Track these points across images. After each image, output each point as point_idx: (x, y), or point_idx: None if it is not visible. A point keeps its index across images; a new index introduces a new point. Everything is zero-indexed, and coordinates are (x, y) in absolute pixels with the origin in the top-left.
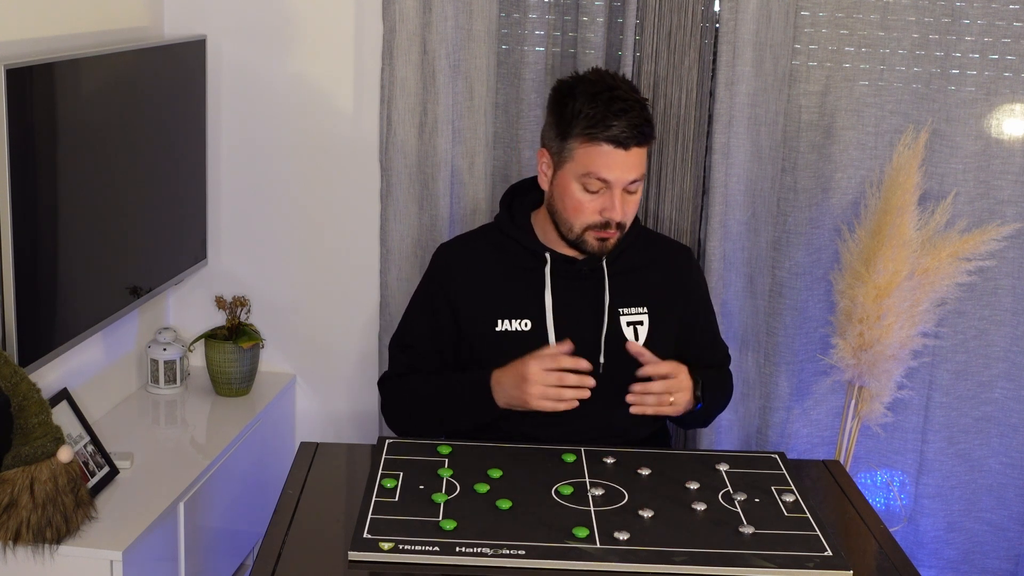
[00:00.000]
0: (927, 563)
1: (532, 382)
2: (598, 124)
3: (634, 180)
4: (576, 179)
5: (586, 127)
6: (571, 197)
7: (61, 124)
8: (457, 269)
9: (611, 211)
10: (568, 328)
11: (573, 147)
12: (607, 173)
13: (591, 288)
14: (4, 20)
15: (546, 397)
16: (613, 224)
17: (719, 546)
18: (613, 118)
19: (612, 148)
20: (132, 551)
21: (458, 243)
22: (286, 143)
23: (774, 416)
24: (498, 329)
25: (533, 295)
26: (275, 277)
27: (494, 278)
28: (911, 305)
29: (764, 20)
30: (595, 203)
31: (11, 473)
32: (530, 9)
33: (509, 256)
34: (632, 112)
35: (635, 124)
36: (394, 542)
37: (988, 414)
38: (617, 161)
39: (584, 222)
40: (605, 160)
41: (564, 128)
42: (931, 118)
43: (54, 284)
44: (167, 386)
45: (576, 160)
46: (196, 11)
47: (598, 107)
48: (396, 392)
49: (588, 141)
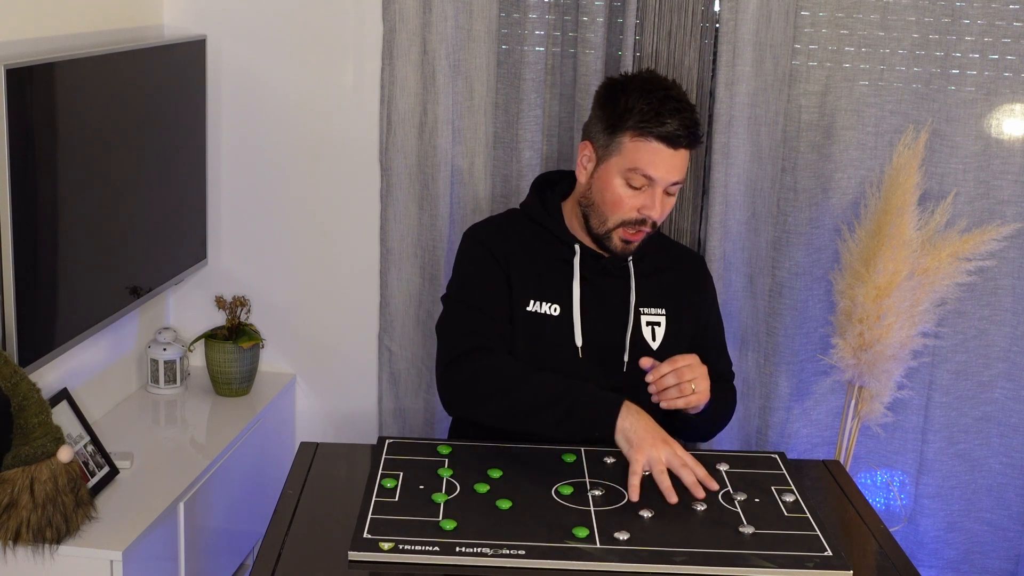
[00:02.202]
0: (927, 563)
1: (672, 445)
2: (651, 120)
3: (676, 182)
4: (620, 174)
5: (639, 121)
6: (612, 191)
7: (61, 124)
8: (496, 244)
9: (650, 209)
10: (593, 320)
11: (622, 141)
12: (653, 171)
13: (616, 285)
14: (4, 20)
15: (663, 461)
16: (649, 223)
17: (719, 546)
18: (667, 116)
19: (662, 146)
20: (132, 551)
21: (489, 223)
22: (286, 143)
23: (774, 416)
24: (528, 309)
25: (562, 282)
26: (275, 277)
27: (526, 259)
28: (911, 305)
29: (764, 20)
30: (635, 200)
31: (11, 473)
32: (530, 9)
33: (539, 242)
34: (684, 113)
35: (687, 125)
36: (394, 542)
37: (988, 414)
38: (664, 160)
39: (620, 217)
40: (653, 157)
41: (614, 122)
42: (931, 118)
43: (54, 284)
44: (167, 386)
45: (624, 155)
46: (196, 11)
47: (652, 104)
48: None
49: (639, 136)
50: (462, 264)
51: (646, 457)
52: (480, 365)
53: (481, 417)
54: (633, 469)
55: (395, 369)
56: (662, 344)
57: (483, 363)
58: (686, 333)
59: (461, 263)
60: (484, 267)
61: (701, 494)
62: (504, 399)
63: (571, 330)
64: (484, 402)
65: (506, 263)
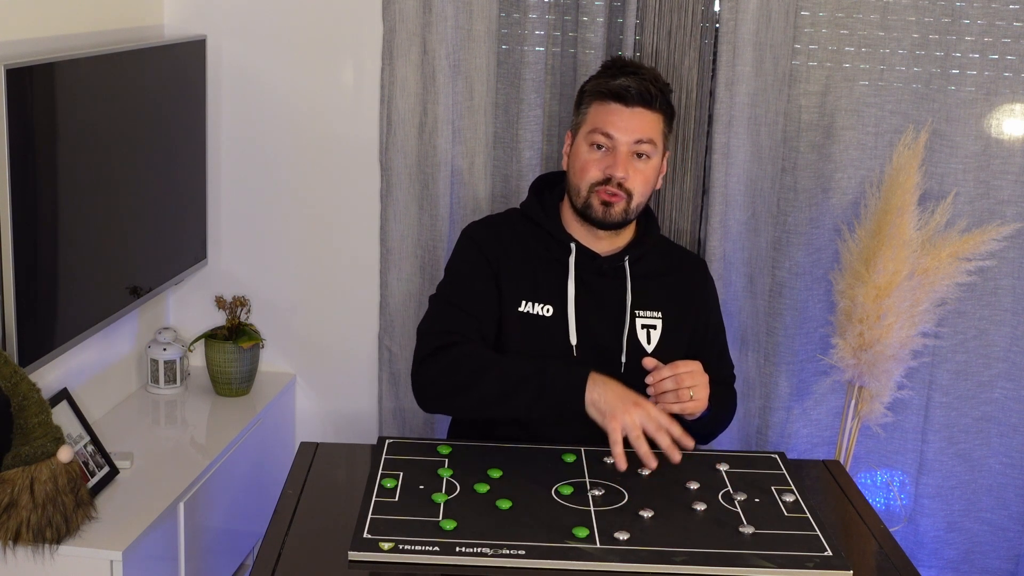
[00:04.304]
0: (927, 563)
1: (644, 407)
2: (606, 80)
3: (639, 141)
4: (585, 140)
5: (596, 86)
6: (579, 158)
7: (61, 124)
8: (489, 244)
9: (613, 168)
10: (588, 321)
11: (585, 111)
12: (611, 128)
13: (612, 286)
14: (4, 20)
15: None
16: (614, 182)
17: (719, 546)
18: (621, 76)
19: (617, 105)
20: (132, 551)
21: (487, 222)
22: (286, 143)
23: (774, 416)
24: (520, 310)
25: (556, 283)
26: (275, 277)
27: (520, 259)
28: (911, 305)
29: (764, 20)
30: (601, 161)
31: (11, 473)
32: (530, 9)
33: (534, 242)
34: (640, 75)
35: (642, 84)
36: (394, 542)
37: (988, 414)
38: (622, 118)
39: (589, 180)
40: (609, 116)
41: (580, 97)
42: (931, 118)
43: (54, 284)
44: (167, 386)
45: (588, 121)
46: (196, 11)
47: (610, 70)
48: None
49: (597, 100)
50: (452, 262)
51: (620, 424)
52: (447, 359)
53: (455, 411)
54: (612, 438)
55: (395, 369)
56: (657, 347)
57: (450, 357)
58: (683, 337)
59: (452, 261)
60: (472, 266)
61: (677, 457)
62: (473, 391)
63: (564, 330)
64: (454, 395)
65: (496, 263)
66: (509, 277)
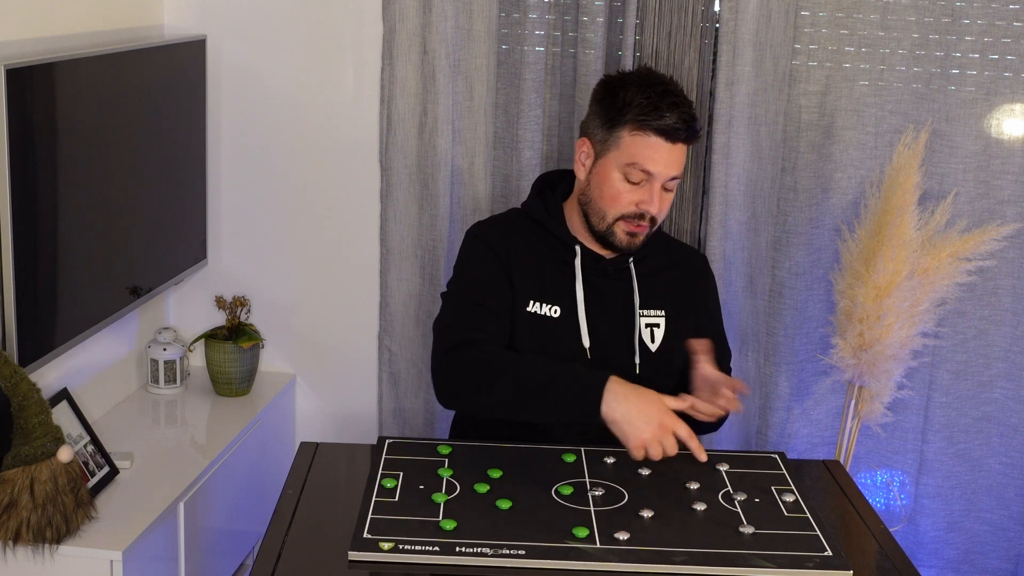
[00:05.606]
0: (927, 563)
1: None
2: (650, 113)
3: (674, 177)
4: (619, 168)
5: (638, 115)
6: (610, 186)
7: (61, 124)
8: (499, 243)
9: (648, 204)
10: (596, 322)
11: (621, 136)
12: (652, 165)
13: (616, 287)
14: (4, 20)
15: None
16: (647, 217)
17: (719, 546)
18: (665, 109)
19: (660, 140)
20: (132, 551)
21: (491, 223)
22: (286, 143)
23: (774, 416)
24: (528, 310)
25: (562, 283)
26: (275, 277)
27: (527, 259)
28: (911, 305)
29: (764, 20)
30: (633, 194)
31: (11, 473)
32: (530, 9)
33: (539, 242)
34: (682, 107)
35: (685, 119)
36: (394, 542)
37: (988, 414)
38: (663, 154)
39: (618, 211)
40: (651, 152)
41: (612, 116)
42: (931, 118)
43: (54, 284)
44: (167, 386)
45: (622, 149)
46: (196, 11)
47: (651, 98)
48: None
49: (637, 129)
50: (463, 260)
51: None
52: (469, 356)
53: (475, 409)
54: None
55: (395, 369)
56: (661, 346)
57: (471, 354)
58: (685, 335)
59: (462, 260)
60: (486, 264)
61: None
62: (493, 391)
63: (573, 332)
64: (475, 394)
65: (507, 261)
66: (519, 277)
